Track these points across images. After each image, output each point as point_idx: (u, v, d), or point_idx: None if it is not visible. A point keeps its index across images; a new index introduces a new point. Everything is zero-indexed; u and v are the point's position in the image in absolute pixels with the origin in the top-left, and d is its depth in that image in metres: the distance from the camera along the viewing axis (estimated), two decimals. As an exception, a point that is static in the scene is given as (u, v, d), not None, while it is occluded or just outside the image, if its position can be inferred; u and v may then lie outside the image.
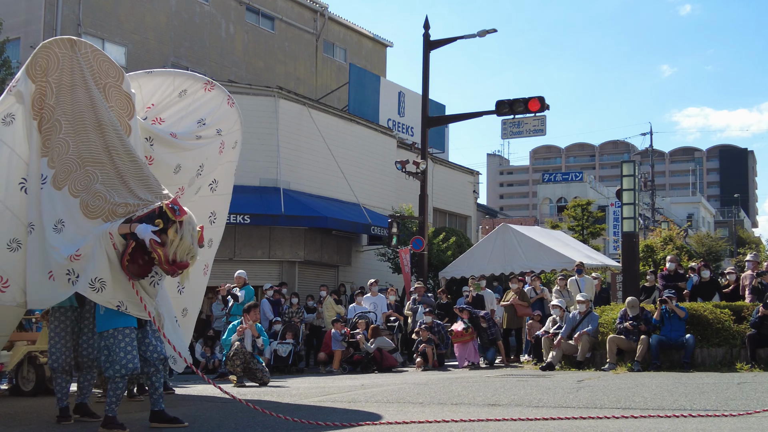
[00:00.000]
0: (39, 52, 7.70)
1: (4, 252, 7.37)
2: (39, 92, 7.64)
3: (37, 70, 7.66)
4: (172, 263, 7.01)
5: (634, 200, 17.86)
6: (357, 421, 7.49)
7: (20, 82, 7.66)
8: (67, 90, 7.67)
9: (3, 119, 7.64)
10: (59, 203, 7.31)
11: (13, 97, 7.66)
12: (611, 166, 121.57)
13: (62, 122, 7.58)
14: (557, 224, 40.91)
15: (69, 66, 7.76)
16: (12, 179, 7.57)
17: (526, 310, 17.53)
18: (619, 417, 7.30)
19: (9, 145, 7.63)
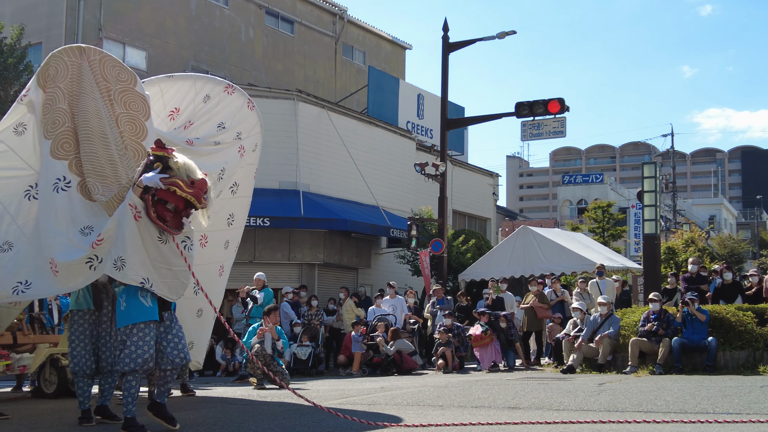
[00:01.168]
0: (48, 61, 7.71)
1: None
2: (49, 99, 7.65)
3: (47, 79, 7.67)
4: (192, 185, 7.14)
5: (655, 202, 17.74)
6: (377, 423, 7.47)
7: (31, 91, 7.70)
8: (76, 98, 7.68)
9: (15, 129, 7.71)
10: (88, 212, 7.36)
11: (25, 106, 7.71)
12: (632, 167, 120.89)
13: (77, 129, 7.58)
14: (578, 226, 40.75)
15: (78, 74, 7.75)
16: (18, 186, 7.64)
17: (546, 312, 17.46)
18: (641, 421, 7.24)
19: (19, 155, 7.70)
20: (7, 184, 7.70)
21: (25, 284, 7.29)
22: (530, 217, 68.57)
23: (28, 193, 7.65)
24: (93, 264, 7.12)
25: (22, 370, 10.89)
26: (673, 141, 57.76)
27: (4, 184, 7.72)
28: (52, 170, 7.48)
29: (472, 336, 16.28)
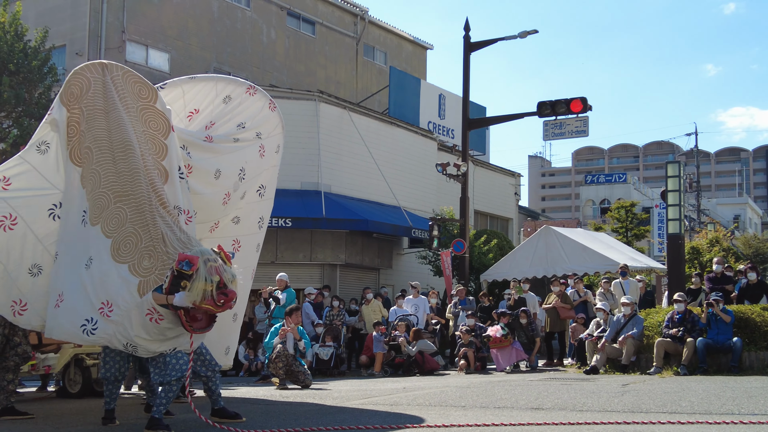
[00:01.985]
0: (71, 78, 7.70)
1: (25, 276, 7.42)
2: (73, 119, 7.61)
3: (71, 97, 7.65)
4: (222, 304, 7.11)
5: (679, 201, 17.60)
6: (399, 424, 7.47)
7: (54, 109, 7.70)
8: (98, 116, 7.60)
9: (38, 147, 7.72)
10: (92, 240, 7.28)
11: (49, 125, 7.72)
12: (655, 167, 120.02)
13: (93, 150, 7.51)
14: (600, 226, 40.49)
15: (101, 91, 7.71)
16: (41, 206, 7.59)
17: (568, 312, 17.37)
18: (665, 422, 7.18)
19: (41, 172, 7.71)
20: (30, 202, 7.66)
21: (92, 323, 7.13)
22: (552, 217, 68.20)
23: (52, 213, 7.62)
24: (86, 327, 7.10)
25: (47, 370, 10.99)
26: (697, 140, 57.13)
27: (27, 203, 7.66)
28: (80, 200, 7.46)
29: (491, 337, 16.22)
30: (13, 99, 21.47)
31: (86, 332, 7.06)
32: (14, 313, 7.36)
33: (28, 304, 7.33)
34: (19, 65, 21.97)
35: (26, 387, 13.04)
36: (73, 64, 26.41)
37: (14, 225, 7.48)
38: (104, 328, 7.07)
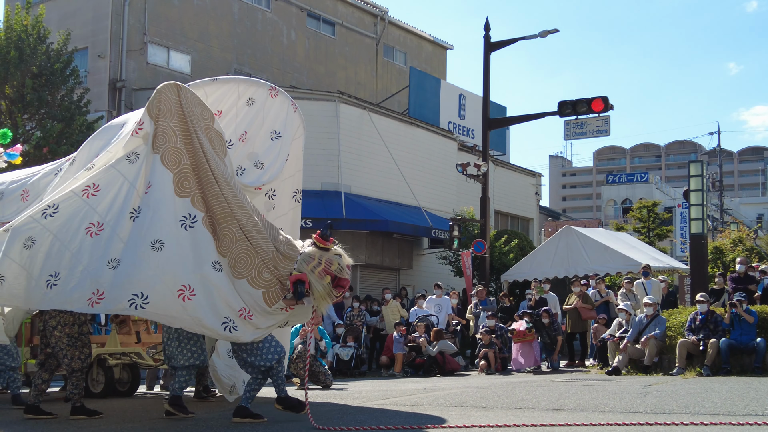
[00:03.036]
0: (155, 96, 8.05)
1: (104, 270, 7.59)
2: (161, 132, 7.98)
3: (157, 112, 8.00)
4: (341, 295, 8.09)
5: (702, 201, 17.46)
6: (420, 425, 7.46)
7: (145, 124, 8.00)
8: (185, 137, 8.05)
9: (128, 157, 8.00)
10: (216, 248, 7.76)
11: (141, 139, 8.02)
12: (678, 166, 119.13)
13: (191, 173, 7.95)
14: (622, 226, 40.25)
15: (180, 113, 8.11)
16: (125, 210, 7.85)
17: (590, 313, 17.29)
18: (688, 423, 7.13)
19: (130, 181, 7.95)
20: (115, 208, 7.88)
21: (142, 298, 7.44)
22: (574, 217, 67.92)
23: (132, 216, 7.87)
24: (227, 324, 7.59)
25: (70, 370, 11.06)
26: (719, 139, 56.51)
27: (112, 208, 7.88)
28: (179, 208, 7.82)
29: (515, 330, 16.18)
30: (36, 101, 21.68)
31: (228, 329, 7.58)
32: (92, 303, 7.54)
33: (105, 293, 7.50)
34: (41, 68, 22.19)
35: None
36: (95, 67, 26.69)
37: (101, 231, 7.73)
38: (243, 329, 7.65)
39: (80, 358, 8.45)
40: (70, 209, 7.75)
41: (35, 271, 7.51)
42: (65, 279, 7.50)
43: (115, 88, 26.48)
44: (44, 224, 7.62)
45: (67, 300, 7.54)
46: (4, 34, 22.01)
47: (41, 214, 7.67)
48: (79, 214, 7.75)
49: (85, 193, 7.80)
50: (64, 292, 7.49)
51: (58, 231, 7.65)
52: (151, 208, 7.79)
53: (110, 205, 7.84)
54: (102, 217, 7.78)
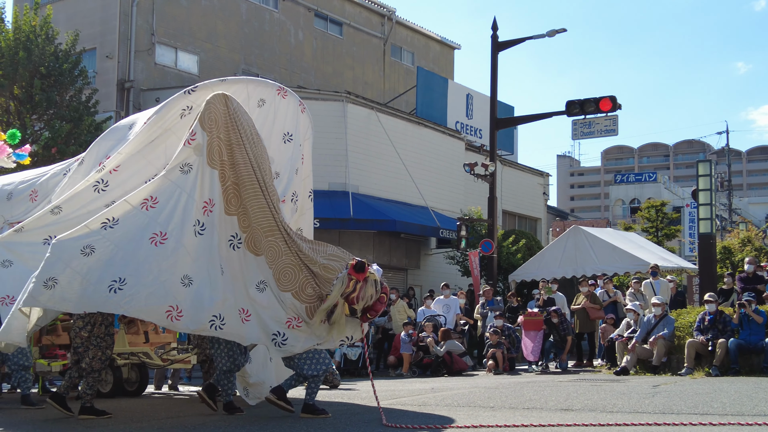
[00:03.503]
0: (206, 107, 8.17)
1: (178, 286, 7.75)
2: (215, 144, 8.12)
3: (210, 123, 8.13)
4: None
5: (710, 201, 17.41)
6: (428, 425, 7.45)
7: (197, 135, 8.10)
8: (233, 149, 8.18)
9: (181, 168, 8.06)
10: (258, 268, 8.05)
11: (192, 149, 8.09)
12: (686, 166, 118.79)
13: (238, 186, 8.15)
14: (630, 226, 40.17)
15: (232, 124, 8.25)
16: (186, 221, 7.96)
17: (598, 313, 17.26)
18: (697, 424, 7.11)
19: (187, 192, 8.03)
20: (176, 218, 7.98)
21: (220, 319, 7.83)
22: (581, 217, 67.78)
23: (194, 228, 8.00)
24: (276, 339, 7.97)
25: (78, 369, 11.09)
26: (728, 138, 56.34)
27: (173, 218, 7.97)
28: (228, 227, 8.13)
29: (527, 311, 16.19)
30: (44, 102, 21.74)
31: (277, 344, 7.99)
32: (171, 318, 7.70)
33: (184, 311, 7.70)
34: (50, 68, 22.25)
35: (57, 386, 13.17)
36: (103, 67, 26.77)
37: (164, 240, 7.82)
38: (294, 338, 8.01)
39: (101, 358, 8.46)
40: (130, 221, 7.80)
41: (93, 277, 7.51)
42: (133, 285, 7.55)
43: (123, 88, 26.55)
44: (104, 234, 7.65)
45: (141, 309, 7.66)
46: (13, 34, 22.08)
47: (100, 226, 7.69)
48: (141, 225, 7.81)
49: (144, 205, 7.85)
50: (136, 300, 7.57)
51: (120, 241, 7.69)
52: (215, 228, 8.05)
53: (170, 216, 7.93)
54: (164, 227, 7.85)
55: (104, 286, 7.49)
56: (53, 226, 8.63)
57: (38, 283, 7.39)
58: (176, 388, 13.02)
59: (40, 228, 8.70)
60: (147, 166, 8.89)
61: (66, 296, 7.49)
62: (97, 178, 8.64)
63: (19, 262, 8.57)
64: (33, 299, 7.49)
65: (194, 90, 9.08)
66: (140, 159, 8.84)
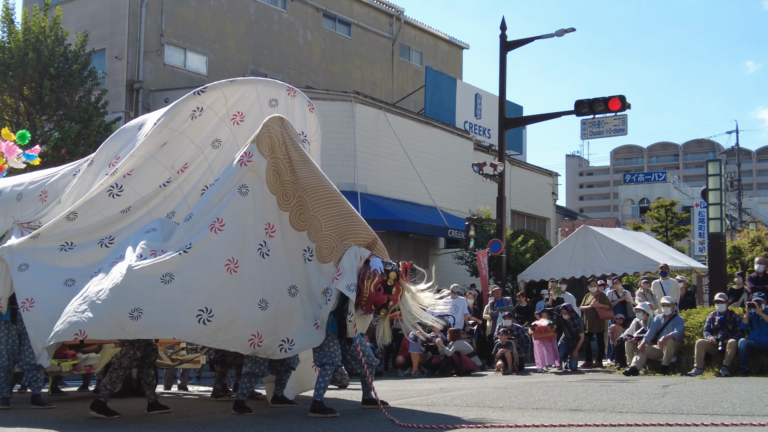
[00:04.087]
0: (263, 130, 8.31)
1: (256, 311, 7.92)
2: (273, 167, 8.27)
3: (265, 148, 8.26)
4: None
5: (720, 200, 17.36)
6: (437, 425, 7.45)
7: (254, 157, 8.21)
8: (296, 165, 8.40)
9: (239, 189, 8.19)
10: (324, 275, 8.28)
11: (248, 171, 8.21)
12: (696, 165, 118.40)
13: (306, 199, 8.37)
14: (640, 226, 40.05)
15: (291, 142, 8.43)
16: (253, 244, 8.12)
17: (607, 312, 17.21)
18: (709, 424, 7.08)
19: (250, 214, 8.18)
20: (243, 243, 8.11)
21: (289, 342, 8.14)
22: (590, 217, 67.62)
23: (260, 250, 8.15)
24: None
25: (88, 369, 11.13)
26: (738, 138, 56.16)
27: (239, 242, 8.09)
28: (298, 241, 8.36)
29: (537, 326, 16.14)
30: (54, 102, 21.82)
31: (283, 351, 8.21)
32: (253, 345, 7.95)
33: (263, 337, 7.96)
34: (59, 69, 22.32)
35: (68, 386, 13.22)
36: (112, 68, 26.84)
37: (237, 268, 7.92)
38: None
39: (132, 357, 8.52)
40: (202, 245, 7.86)
41: (178, 305, 7.59)
42: (221, 317, 7.69)
43: (132, 89, 26.63)
44: (180, 260, 7.73)
45: (227, 340, 7.88)
46: (22, 36, 22.16)
47: (176, 252, 7.77)
48: (213, 250, 7.88)
49: (213, 227, 7.94)
50: (224, 332, 7.77)
51: (196, 266, 7.77)
52: (281, 251, 8.25)
53: (239, 239, 8.06)
54: (236, 253, 7.95)
55: (192, 315, 7.58)
56: (69, 232, 8.71)
57: (123, 315, 7.43)
58: (185, 388, 13.04)
59: (57, 234, 8.76)
60: (160, 169, 8.95)
61: (152, 324, 7.56)
62: (111, 183, 8.69)
63: (35, 263, 8.64)
64: (122, 331, 7.56)
65: (204, 91, 9.11)
66: (153, 163, 8.89)
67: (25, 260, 8.67)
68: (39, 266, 8.63)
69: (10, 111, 22.10)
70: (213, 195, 8.21)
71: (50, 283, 8.52)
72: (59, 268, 8.64)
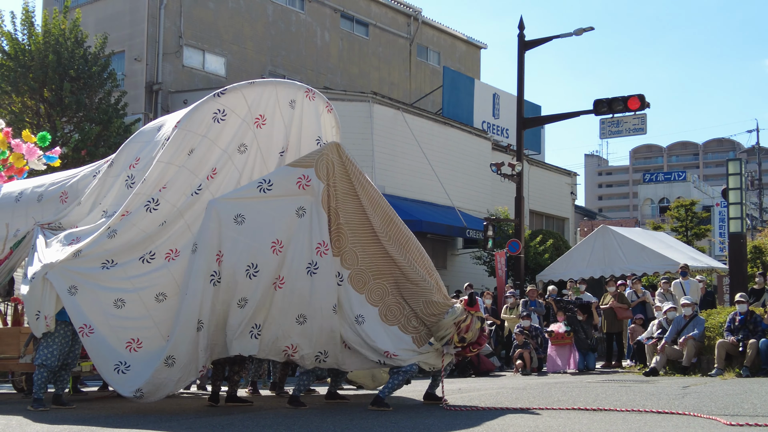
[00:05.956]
0: (321, 157, 8.86)
1: (293, 325, 8.71)
2: (327, 192, 8.85)
3: (322, 173, 8.79)
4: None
5: (740, 200, 17.24)
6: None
7: (312, 181, 8.77)
8: (343, 197, 8.95)
9: (297, 211, 8.80)
10: (359, 304, 8.88)
11: (306, 194, 8.79)
12: (716, 164, 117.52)
13: (346, 230, 8.90)
14: (659, 225, 39.82)
15: (342, 172, 8.95)
16: (302, 263, 8.74)
17: (625, 312, 17.11)
18: (728, 424, 7.03)
19: (304, 235, 8.79)
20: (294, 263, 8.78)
21: (324, 354, 8.86)
22: (610, 217, 67.32)
23: (309, 269, 8.78)
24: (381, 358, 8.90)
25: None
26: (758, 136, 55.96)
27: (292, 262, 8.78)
28: (334, 267, 8.82)
29: (553, 332, 16.07)
30: (74, 104, 21.99)
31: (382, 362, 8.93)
32: (287, 355, 8.85)
33: (299, 348, 8.75)
34: (79, 71, 22.49)
35: (88, 386, 13.32)
36: (131, 70, 27.01)
37: (282, 285, 8.72)
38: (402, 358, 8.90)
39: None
40: (267, 268, 8.65)
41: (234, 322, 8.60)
42: (266, 330, 8.69)
43: (151, 90, 26.78)
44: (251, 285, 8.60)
45: (264, 349, 8.78)
46: (43, 38, 22.35)
47: (245, 274, 8.58)
48: (272, 271, 8.68)
49: (273, 249, 8.68)
50: (264, 344, 8.74)
51: (264, 289, 8.64)
52: (327, 271, 8.74)
53: (292, 260, 8.74)
54: (285, 271, 8.72)
55: (246, 331, 8.63)
56: (111, 250, 8.77)
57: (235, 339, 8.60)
58: (204, 388, 13.09)
59: (99, 254, 8.81)
60: (190, 176, 8.99)
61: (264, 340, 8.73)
62: (147, 197, 8.75)
63: (83, 284, 8.73)
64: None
65: (223, 93, 9.15)
66: (185, 173, 8.95)
67: (72, 282, 8.71)
68: (87, 288, 8.74)
69: (30, 113, 22.29)
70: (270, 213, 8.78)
71: (103, 307, 8.72)
72: (106, 288, 8.80)
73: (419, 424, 7.52)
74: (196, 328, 8.48)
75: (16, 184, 11.32)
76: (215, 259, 8.52)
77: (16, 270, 11.34)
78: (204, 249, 8.52)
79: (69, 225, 9.66)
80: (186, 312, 8.44)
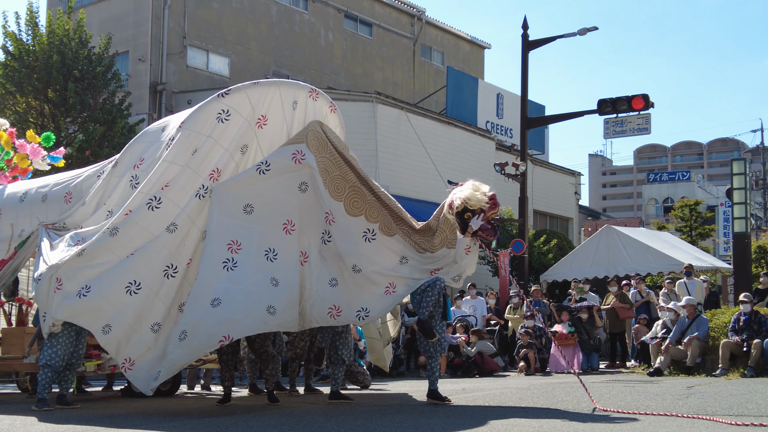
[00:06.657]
0: (308, 133, 9.17)
1: (328, 288, 9.01)
2: (322, 164, 9.05)
3: (313, 146, 9.07)
4: None
5: (745, 199, 17.22)
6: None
7: (306, 155, 8.98)
8: (340, 162, 9.19)
9: (299, 187, 9.09)
10: (401, 246, 9.15)
11: (303, 167, 9.00)
12: (720, 164, 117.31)
13: (357, 194, 9.16)
14: (664, 225, 39.80)
15: (330, 145, 9.20)
16: (316, 236, 9.13)
17: (628, 312, 17.09)
18: (732, 424, 7.01)
19: (311, 209, 9.06)
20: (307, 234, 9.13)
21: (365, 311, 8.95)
22: (614, 217, 67.23)
23: (323, 237, 9.12)
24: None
25: (112, 369, 11.19)
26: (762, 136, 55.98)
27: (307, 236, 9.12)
28: (356, 226, 9.03)
29: (557, 333, 16.06)
30: (78, 105, 22.02)
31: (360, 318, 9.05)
32: (332, 316, 8.97)
33: (342, 308, 8.95)
34: (83, 71, 22.52)
35: (92, 386, 13.33)
36: (136, 70, 27.04)
37: (306, 260, 9.06)
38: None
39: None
40: (286, 248, 8.96)
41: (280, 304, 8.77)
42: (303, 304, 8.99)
43: (155, 91, 26.81)
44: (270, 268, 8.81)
45: (309, 319, 9.06)
46: (47, 38, 22.38)
47: (264, 256, 8.82)
48: (292, 250, 9.00)
49: (285, 228, 9.02)
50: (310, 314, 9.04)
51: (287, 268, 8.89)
52: (341, 236, 8.99)
53: (305, 236, 9.09)
54: (306, 247, 9.09)
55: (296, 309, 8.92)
56: (114, 248, 8.73)
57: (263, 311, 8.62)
58: (209, 388, 13.10)
59: (102, 252, 8.76)
60: (193, 175, 8.94)
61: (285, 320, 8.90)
62: (149, 195, 8.68)
63: (93, 284, 8.66)
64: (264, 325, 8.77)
65: (227, 93, 9.13)
66: (188, 172, 8.90)
67: (82, 283, 8.64)
68: (99, 287, 8.64)
69: (34, 113, 22.33)
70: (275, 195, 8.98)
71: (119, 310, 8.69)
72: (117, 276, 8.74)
73: (423, 425, 7.52)
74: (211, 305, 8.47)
75: (21, 184, 11.32)
76: (227, 247, 8.75)
77: (20, 270, 11.36)
78: (214, 237, 8.79)
79: (73, 225, 9.65)
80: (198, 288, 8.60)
